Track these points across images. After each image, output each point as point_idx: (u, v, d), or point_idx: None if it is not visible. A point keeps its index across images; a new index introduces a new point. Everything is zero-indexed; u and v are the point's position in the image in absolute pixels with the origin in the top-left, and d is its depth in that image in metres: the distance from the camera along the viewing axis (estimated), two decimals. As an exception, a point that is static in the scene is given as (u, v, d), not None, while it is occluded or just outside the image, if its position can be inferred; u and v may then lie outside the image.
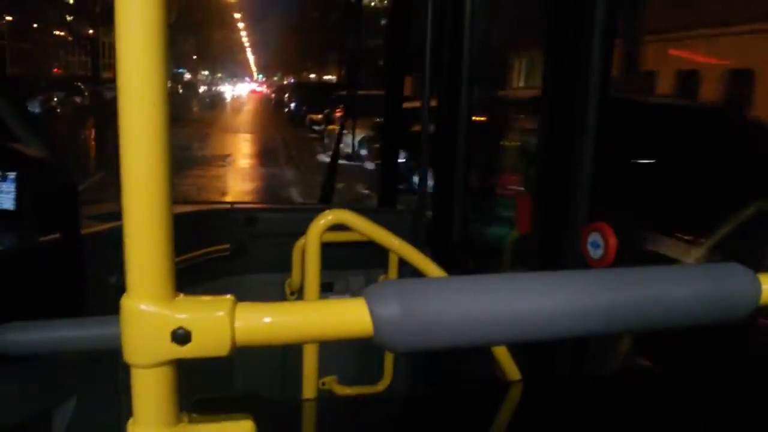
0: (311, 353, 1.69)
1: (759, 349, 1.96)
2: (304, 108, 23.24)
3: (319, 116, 19.87)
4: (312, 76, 52.74)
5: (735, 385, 1.40)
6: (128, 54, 0.47)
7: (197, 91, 50.12)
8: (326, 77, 47.41)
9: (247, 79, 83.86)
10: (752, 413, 1.23)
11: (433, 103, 2.45)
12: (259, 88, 67.23)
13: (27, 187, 1.36)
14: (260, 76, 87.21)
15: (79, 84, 18.73)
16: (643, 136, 4.39)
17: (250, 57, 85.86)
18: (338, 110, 17.08)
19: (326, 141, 16.06)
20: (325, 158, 13.60)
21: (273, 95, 43.43)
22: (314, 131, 20.17)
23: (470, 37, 2.29)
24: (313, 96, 22.63)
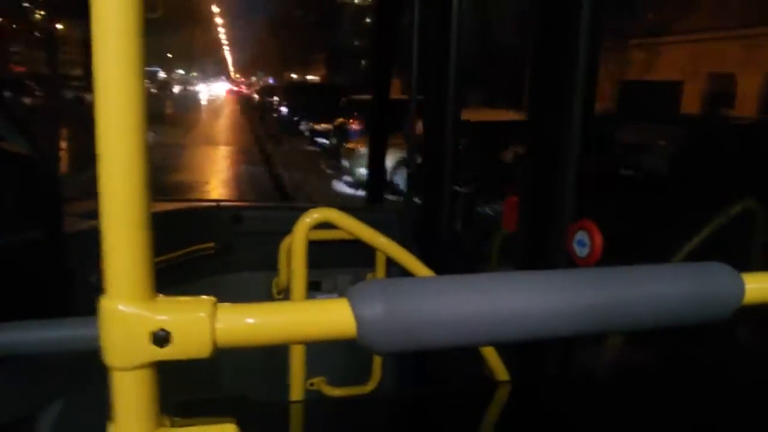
0: (298, 354, 1.68)
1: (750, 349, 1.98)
2: (298, 115, 20.02)
3: (325, 126, 16.17)
4: (293, 76, 50.08)
5: (724, 384, 1.41)
6: (104, 50, 0.46)
7: (172, 91, 46.23)
8: (309, 77, 45.02)
9: (223, 78, 78.62)
10: (742, 413, 1.24)
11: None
12: (236, 88, 62.21)
13: (9, 184, 1.34)
14: (236, 75, 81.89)
15: (30, 83, 16.92)
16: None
17: (228, 56, 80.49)
18: (353, 121, 13.89)
19: (345, 163, 11.90)
20: (345, 188, 11.39)
21: (256, 96, 37.99)
22: (317, 144, 16.77)
23: (457, 35, 2.29)
24: (310, 100, 19.23)
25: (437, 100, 2.37)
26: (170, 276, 1.94)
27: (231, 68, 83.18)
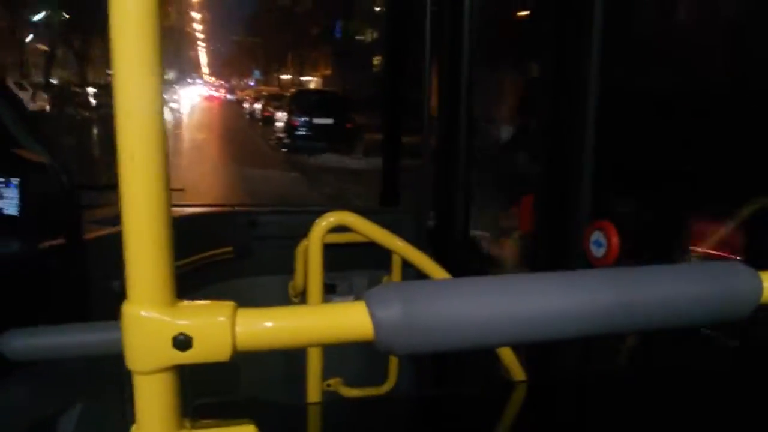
0: (315, 355, 1.69)
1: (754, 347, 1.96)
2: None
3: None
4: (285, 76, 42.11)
5: (741, 383, 1.40)
6: (123, 61, 0.47)
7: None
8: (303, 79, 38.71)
9: (198, 81, 64.80)
10: (756, 412, 1.23)
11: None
12: (216, 93, 51.55)
13: (30, 192, 1.36)
14: (211, 78, 68.71)
15: None
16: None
17: (203, 55, 67.96)
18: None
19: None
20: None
21: (275, 114, 19.96)
22: None
23: (470, 36, 2.29)
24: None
25: (451, 98, 2.37)
26: (190, 280, 1.96)
27: (206, 70, 70.82)
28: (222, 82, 62.48)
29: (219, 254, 2.26)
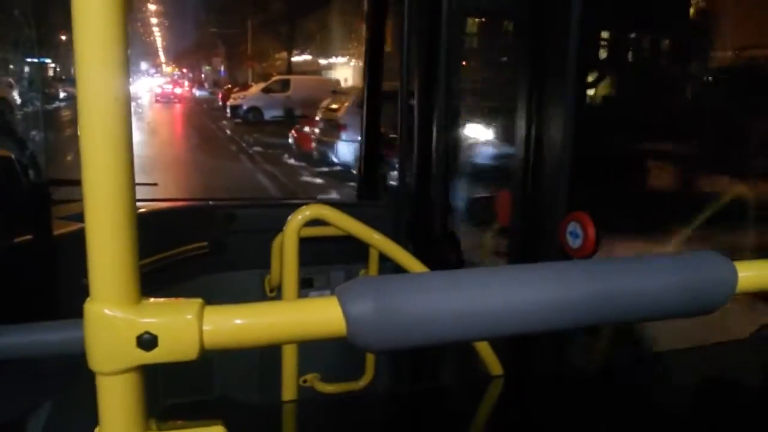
0: (290, 352, 1.67)
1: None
2: None
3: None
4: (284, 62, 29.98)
5: (713, 379, 1.42)
6: (87, 52, 0.45)
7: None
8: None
9: (152, 71, 45.55)
10: (731, 407, 1.24)
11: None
12: (178, 90, 34.60)
13: None
14: (168, 69, 48.14)
15: None
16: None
17: (159, 39, 47.97)
18: None
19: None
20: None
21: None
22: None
23: (448, 29, 2.28)
24: None
25: (428, 92, 2.36)
26: (164, 276, 1.93)
27: (163, 59, 50.43)
28: (185, 70, 46.00)
29: (194, 249, 2.23)
